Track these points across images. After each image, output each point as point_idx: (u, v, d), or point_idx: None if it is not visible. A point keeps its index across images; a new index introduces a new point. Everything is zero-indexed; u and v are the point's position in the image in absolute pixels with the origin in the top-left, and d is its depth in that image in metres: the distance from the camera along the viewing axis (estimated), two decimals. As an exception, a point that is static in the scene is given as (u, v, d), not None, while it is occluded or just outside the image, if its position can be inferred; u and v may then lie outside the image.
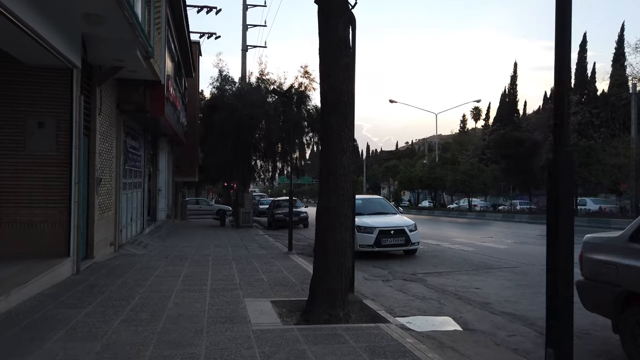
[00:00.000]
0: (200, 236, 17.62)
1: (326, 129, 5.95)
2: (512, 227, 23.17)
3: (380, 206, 13.27)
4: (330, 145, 5.89)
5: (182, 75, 19.08)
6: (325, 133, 5.96)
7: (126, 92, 11.59)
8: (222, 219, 24.78)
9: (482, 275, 9.17)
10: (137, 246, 12.66)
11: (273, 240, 16.22)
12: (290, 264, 10.11)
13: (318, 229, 6.01)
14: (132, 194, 13.60)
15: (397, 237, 11.50)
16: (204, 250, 12.76)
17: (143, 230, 15.11)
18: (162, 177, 18.42)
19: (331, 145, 5.89)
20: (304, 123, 24.92)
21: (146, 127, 14.99)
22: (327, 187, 5.91)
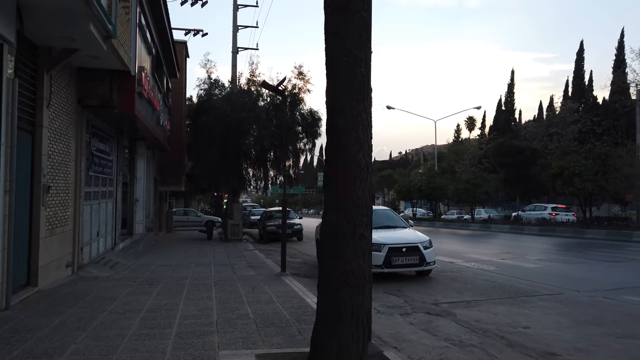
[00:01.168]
0: (182, 252, 15.71)
1: (335, 114, 4.18)
2: (524, 240, 21.41)
3: (387, 219, 11.48)
4: (341, 136, 4.12)
5: (164, 74, 17.30)
6: (334, 120, 4.19)
7: (89, 84, 9.78)
8: (210, 231, 22.84)
9: (522, 306, 7.38)
10: (103, 266, 10.76)
11: (264, 257, 14.36)
12: (283, 291, 8.27)
13: (324, 255, 4.23)
14: (100, 205, 11.72)
15: (410, 256, 9.70)
16: (182, 271, 10.89)
17: (115, 246, 13.21)
18: (141, 185, 16.54)
19: (343, 137, 4.11)
20: (297, 128, 23.20)
21: (120, 128, 13.15)
22: (335, 197, 4.14)
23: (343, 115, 4.12)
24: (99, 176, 11.47)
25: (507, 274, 10.64)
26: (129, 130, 13.71)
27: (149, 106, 12.94)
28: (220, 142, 20.82)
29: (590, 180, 21.77)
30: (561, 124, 51.76)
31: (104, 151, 11.96)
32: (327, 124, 4.29)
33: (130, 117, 10.93)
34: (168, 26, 15.09)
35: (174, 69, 19.60)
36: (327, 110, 4.29)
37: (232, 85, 23.76)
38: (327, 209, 4.21)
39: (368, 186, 4.18)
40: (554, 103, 60.66)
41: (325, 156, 4.30)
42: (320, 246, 4.27)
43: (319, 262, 4.30)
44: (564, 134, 50.19)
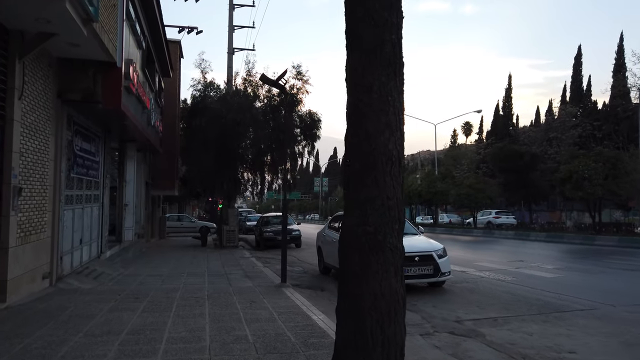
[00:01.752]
0: (174, 260, 14.76)
1: (359, 93, 3.31)
2: (532, 247, 20.56)
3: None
4: (367, 121, 3.25)
5: (155, 72, 16.42)
6: (358, 101, 3.32)
7: (71, 76, 8.88)
8: (204, 237, 21.90)
9: (557, 324, 6.51)
10: (86, 277, 9.81)
11: (261, 266, 13.44)
12: (285, 305, 7.37)
13: (344, 272, 3.34)
14: (84, 210, 10.79)
15: (424, 266, 8.83)
16: (173, 282, 9.96)
17: (101, 254, 12.26)
18: (131, 189, 15.61)
19: (369, 122, 3.24)
20: (296, 130, 22.34)
21: (107, 127, 12.24)
22: (360, 198, 3.26)
23: (370, 94, 3.25)
24: (82, 178, 10.55)
25: (527, 285, 9.77)
26: (117, 130, 12.80)
27: (138, 103, 12.05)
28: (215, 145, 19.95)
29: (600, 184, 21.02)
30: (560, 129, 51.20)
31: (89, 151, 11.05)
32: (348, 107, 3.42)
33: (116, 114, 10.03)
34: (160, 20, 14.23)
35: (167, 67, 18.73)
36: (348, 89, 3.42)
37: (227, 86, 22.90)
38: (348, 214, 3.33)
39: (401, 183, 3.31)
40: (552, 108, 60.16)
41: (346, 148, 3.43)
42: (341, 260, 3.39)
43: (339, 281, 3.41)
44: (563, 138, 49.59)
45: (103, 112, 10.08)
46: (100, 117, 10.74)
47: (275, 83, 9.48)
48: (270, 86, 9.40)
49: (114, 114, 10.15)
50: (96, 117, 10.72)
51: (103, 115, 10.56)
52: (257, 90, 21.35)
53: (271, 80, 9.50)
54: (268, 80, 9.50)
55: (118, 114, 10.11)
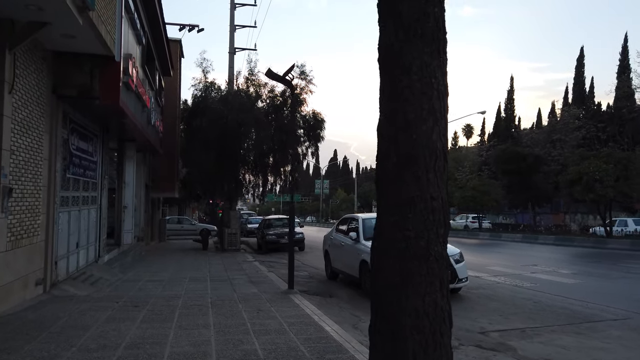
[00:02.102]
0: (174, 264, 14.26)
1: (396, 74, 2.81)
2: (542, 250, 20.04)
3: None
4: (406, 107, 2.76)
5: (155, 70, 15.94)
6: (395, 84, 2.82)
7: (66, 70, 8.40)
8: (205, 240, 21.39)
9: (591, 336, 6.01)
10: (82, 283, 9.31)
11: (265, 270, 12.93)
12: (294, 314, 6.87)
13: (378, 285, 2.84)
14: (81, 212, 10.30)
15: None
16: (174, 288, 9.46)
17: (99, 259, 11.75)
18: (130, 191, 15.11)
19: (409, 108, 2.75)
20: (299, 131, 21.87)
21: (105, 125, 11.75)
22: (397, 196, 2.77)
23: (409, 75, 2.76)
24: (79, 179, 10.05)
25: (548, 291, 9.27)
26: (116, 129, 12.32)
27: (138, 101, 11.56)
28: (216, 146, 19.50)
29: (612, 186, 20.53)
30: (564, 131, 50.74)
31: (86, 151, 10.56)
32: (382, 92, 2.92)
33: (115, 111, 9.54)
34: (160, 15, 13.76)
35: (168, 66, 18.25)
36: (381, 71, 2.93)
37: (229, 86, 22.42)
38: (383, 216, 2.84)
39: (445, 181, 2.82)
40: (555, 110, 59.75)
41: (380, 140, 2.93)
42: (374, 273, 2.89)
43: (373, 295, 2.91)
44: (567, 140, 49.11)
45: (101, 110, 9.59)
46: (98, 114, 10.24)
47: (282, 78, 9.00)
48: (276, 82, 8.92)
49: (112, 112, 9.66)
50: (94, 114, 10.23)
51: (101, 113, 10.07)
52: (260, 90, 20.91)
53: (277, 75, 9.02)
54: (274, 76, 9.01)
55: (116, 111, 9.61)
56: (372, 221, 10.15)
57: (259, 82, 21.07)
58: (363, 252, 9.18)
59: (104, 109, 9.40)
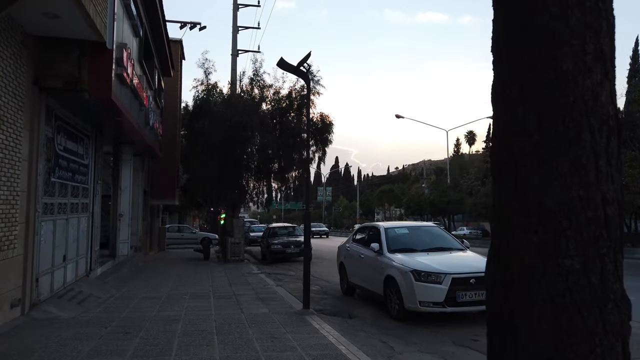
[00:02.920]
0: (174, 277, 13.13)
1: (538, 13, 1.70)
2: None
3: (436, 238, 9.00)
4: (558, 44, 1.64)
5: (155, 68, 14.91)
6: (540, 26, 1.70)
7: (50, 58, 7.33)
8: (206, 250, 20.25)
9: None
10: (69, 302, 8.18)
11: (273, 284, 11.79)
12: (316, 344, 5.74)
13: (519, 334, 1.69)
14: (69, 221, 9.19)
15: (482, 290, 7.18)
16: (172, 307, 8.34)
17: (90, 272, 10.63)
18: (126, 198, 14.02)
19: (563, 47, 1.63)
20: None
21: (98, 125, 10.67)
22: (542, 196, 1.64)
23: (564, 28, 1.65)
24: (67, 184, 8.95)
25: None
26: (111, 129, 11.24)
27: (134, 99, 10.50)
28: (218, 150, 18.43)
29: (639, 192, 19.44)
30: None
31: (76, 152, 9.47)
32: (506, 24, 1.81)
33: (107, 106, 8.45)
34: (160, 9, 12.70)
35: (168, 65, 17.22)
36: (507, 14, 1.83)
37: (232, 87, 21.36)
38: (516, 231, 1.72)
39: (620, 173, 1.70)
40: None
41: (500, 107, 1.82)
42: (498, 328, 1.76)
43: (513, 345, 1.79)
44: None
45: (91, 105, 8.51)
46: (88, 111, 9.16)
47: (295, 69, 7.92)
48: (290, 73, 7.86)
49: (104, 107, 8.58)
50: (84, 112, 9.14)
51: (92, 110, 8.98)
52: (265, 92, 19.86)
53: (290, 65, 7.95)
54: (287, 66, 7.94)
55: (109, 107, 8.53)
56: (395, 231, 9.05)
57: (263, 84, 20.05)
58: (388, 266, 8.05)
59: (94, 104, 8.32)
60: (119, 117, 9.26)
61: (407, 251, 8.32)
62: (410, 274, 7.34)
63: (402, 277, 7.55)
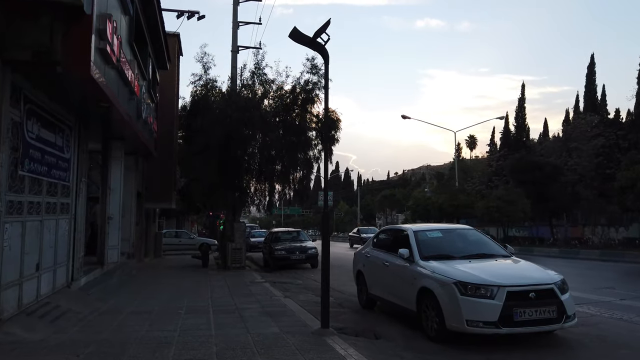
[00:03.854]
0: (169, 287, 11.78)
1: None
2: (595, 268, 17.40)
3: (476, 242, 7.66)
4: None
5: (148, 57, 13.61)
6: None
7: (16, 24, 6.02)
8: (205, 257, 18.88)
9: None
10: (41, 320, 6.83)
11: (280, 295, 10.44)
12: (348, 381, 4.40)
13: None
14: (44, 223, 7.84)
15: (544, 306, 5.84)
16: (165, 325, 7.00)
17: (72, 283, 9.28)
18: (116, 199, 12.66)
19: None
20: (310, 133, 19.48)
21: (81, 115, 9.35)
22: None
23: None
24: (41, 179, 7.63)
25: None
26: (97, 120, 9.91)
27: (122, 84, 9.20)
28: (218, 150, 17.13)
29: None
30: (580, 139, 48.54)
31: (54, 144, 8.14)
32: None
33: (88, 88, 7.14)
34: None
35: (163, 56, 15.92)
36: None
37: (232, 84, 19.99)
38: None
39: None
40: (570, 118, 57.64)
41: None
42: None
43: None
44: (584, 149, 46.87)
45: (70, 86, 7.21)
46: (68, 95, 7.83)
47: (312, 41, 6.63)
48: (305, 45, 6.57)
49: (86, 89, 7.26)
50: (63, 95, 7.81)
51: (72, 92, 7.66)
52: (267, 87, 18.52)
53: (306, 37, 6.65)
54: (302, 38, 6.65)
55: (91, 90, 7.21)
56: (427, 234, 7.72)
57: (265, 78, 18.71)
58: (422, 276, 6.72)
59: (73, 84, 7.01)
60: (104, 102, 7.94)
61: (443, 258, 6.99)
62: (454, 287, 6.01)
63: (442, 290, 6.22)
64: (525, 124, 64.14)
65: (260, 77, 18.47)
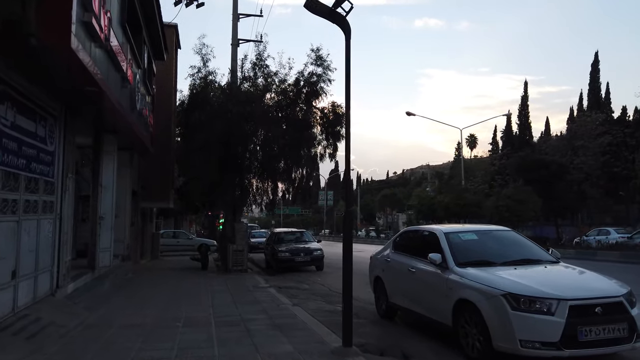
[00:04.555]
0: (166, 293, 10.80)
1: None
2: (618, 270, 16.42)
3: (517, 246, 6.70)
4: None
5: (143, 44, 12.65)
6: None
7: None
8: (204, 259, 17.89)
9: None
10: (14, 337, 5.86)
11: (288, 303, 9.47)
12: None
13: None
14: (21, 224, 6.86)
15: (612, 324, 4.89)
16: (159, 343, 6.03)
17: (57, 290, 8.30)
18: (109, 197, 11.69)
19: None
20: (314, 130, 18.50)
21: (69, 103, 8.38)
22: None
23: None
24: (17, 174, 6.65)
25: None
26: (86, 109, 8.93)
27: (113, 69, 8.24)
28: (218, 146, 16.18)
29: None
30: (586, 137, 47.70)
31: (34, 134, 7.17)
32: None
33: (71, 69, 6.16)
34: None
35: (160, 45, 14.95)
36: None
37: (232, 77, 18.96)
38: None
39: None
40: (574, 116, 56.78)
41: None
42: None
43: None
44: (591, 147, 46.02)
45: (50, 64, 6.23)
46: (47, 75, 6.84)
47: (332, 12, 5.67)
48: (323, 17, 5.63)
49: (66, 68, 6.28)
50: (42, 75, 6.82)
51: (52, 72, 6.68)
52: (270, 79, 17.50)
53: (324, 7, 5.69)
54: (320, 8, 5.69)
55: (75, 71, 6.24)
56: (460, 237, 6.77)
57: (268, 71, 17.69)
58: (460, 286, 5.77)
59: (51, 60, 6.03)
60: (91, 85, 6.96)
61: (482, 264, 6.03)
62: (503, 299, 5.05)
63: (487, 303, 5.26)
64: (529, 122, 63.23)
65: (262, 68, 17.47)
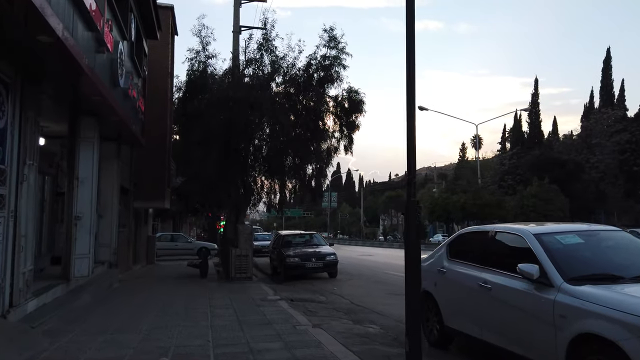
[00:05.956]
0: (155, 311, 8.82)
1: None
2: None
3: (638, 252, 4.79)
4: None
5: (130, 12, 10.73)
6: None
7: None
8: (204, 265, 15.90)
9: None
10: None
11: (307, 324, 7.49)
12: None
13: None
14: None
15: None
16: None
17: (9, 312, 6.36)
18: (87, 192, 9.73)
19: None
20: (327, 121, 16.59)
21: (26, 66, 6.45)
22: None
23: None
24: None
25: None
26: (46, 71, 7.00)
27: (82, 22, 6.31)
28: (218, 139, 14.37)
29: None
30: (601, 135, 45.87)
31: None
32: None
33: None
34: None
35: (152, 21, 13.07)
36: None
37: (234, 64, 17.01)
38: None
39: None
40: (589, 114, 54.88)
41: None
42: None
43: None
44: (608, 145, 44.18)
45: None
46: None
47: None
48: None
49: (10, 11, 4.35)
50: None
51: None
52: (278, 61, 15.57)
53: None
54: None
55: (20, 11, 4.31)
56: (560, 241, 4.81)
57: (276, 54, 15.76)
58: (579, 313, 3.85)
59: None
60: (43, 31, 5.03)
61: (604, 280, 4.11)
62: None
63: (637, 341, 3.33)
64: (539, 121, 61.25)
65: (270, 51, 15.53)
